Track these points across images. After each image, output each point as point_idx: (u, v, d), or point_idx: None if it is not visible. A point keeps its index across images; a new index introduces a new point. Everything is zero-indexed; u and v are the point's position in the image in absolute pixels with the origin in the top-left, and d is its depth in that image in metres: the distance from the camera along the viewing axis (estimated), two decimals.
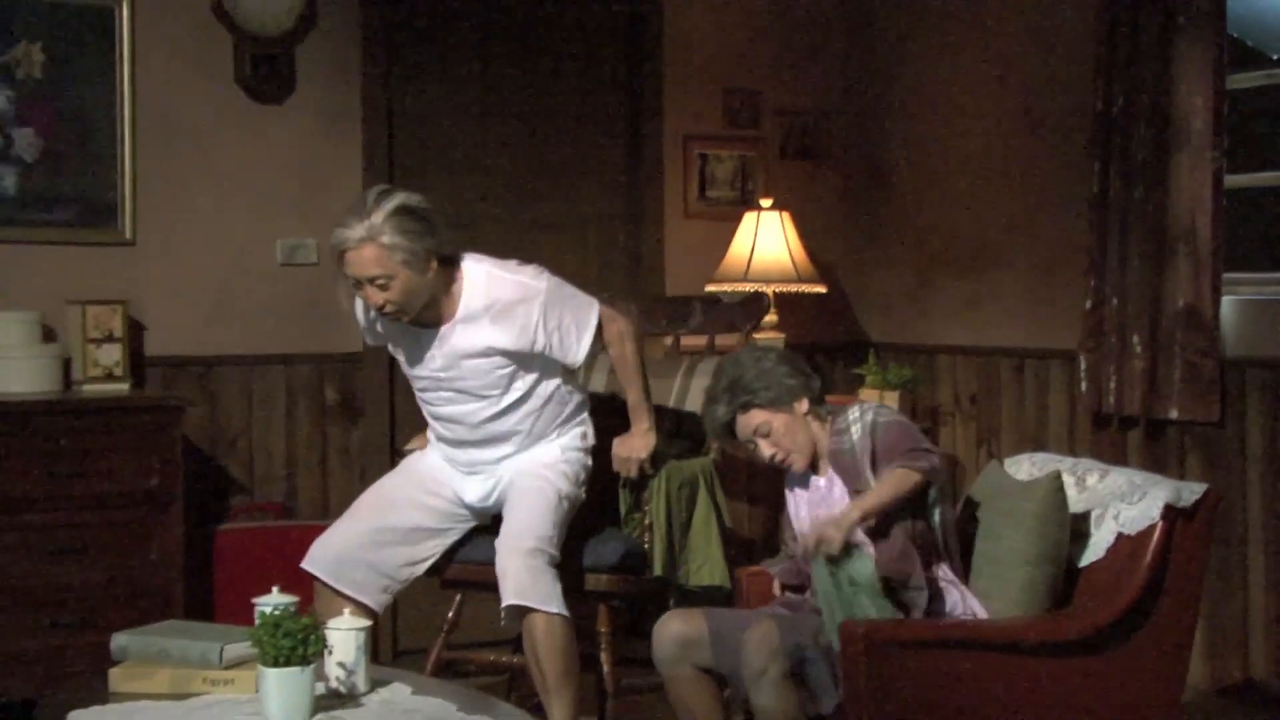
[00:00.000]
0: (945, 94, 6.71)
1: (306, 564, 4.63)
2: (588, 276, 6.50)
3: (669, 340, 5.74)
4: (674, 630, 4.16)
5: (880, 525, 4.03)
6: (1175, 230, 5.58)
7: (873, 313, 7.06)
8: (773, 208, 6.49)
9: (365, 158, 6.07)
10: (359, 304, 4.69)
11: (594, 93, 6.67)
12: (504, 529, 4.57)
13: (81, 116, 5.77)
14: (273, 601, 3.69)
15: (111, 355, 5.57)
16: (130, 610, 5.15)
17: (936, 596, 4.05)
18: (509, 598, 4.45)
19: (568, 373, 4.74)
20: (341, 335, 5.77)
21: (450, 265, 4.53)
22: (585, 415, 4.83)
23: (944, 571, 4.11)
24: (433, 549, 4.76)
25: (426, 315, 4.55)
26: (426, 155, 6.26)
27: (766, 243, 6.41)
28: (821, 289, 6.53)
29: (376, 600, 4.64)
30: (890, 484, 4.01)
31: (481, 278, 4.56)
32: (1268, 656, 5.53)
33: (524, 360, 4.59)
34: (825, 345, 6.94)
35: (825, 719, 3.96)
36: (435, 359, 4.60)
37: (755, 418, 4.21)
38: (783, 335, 6.38)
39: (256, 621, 3.52)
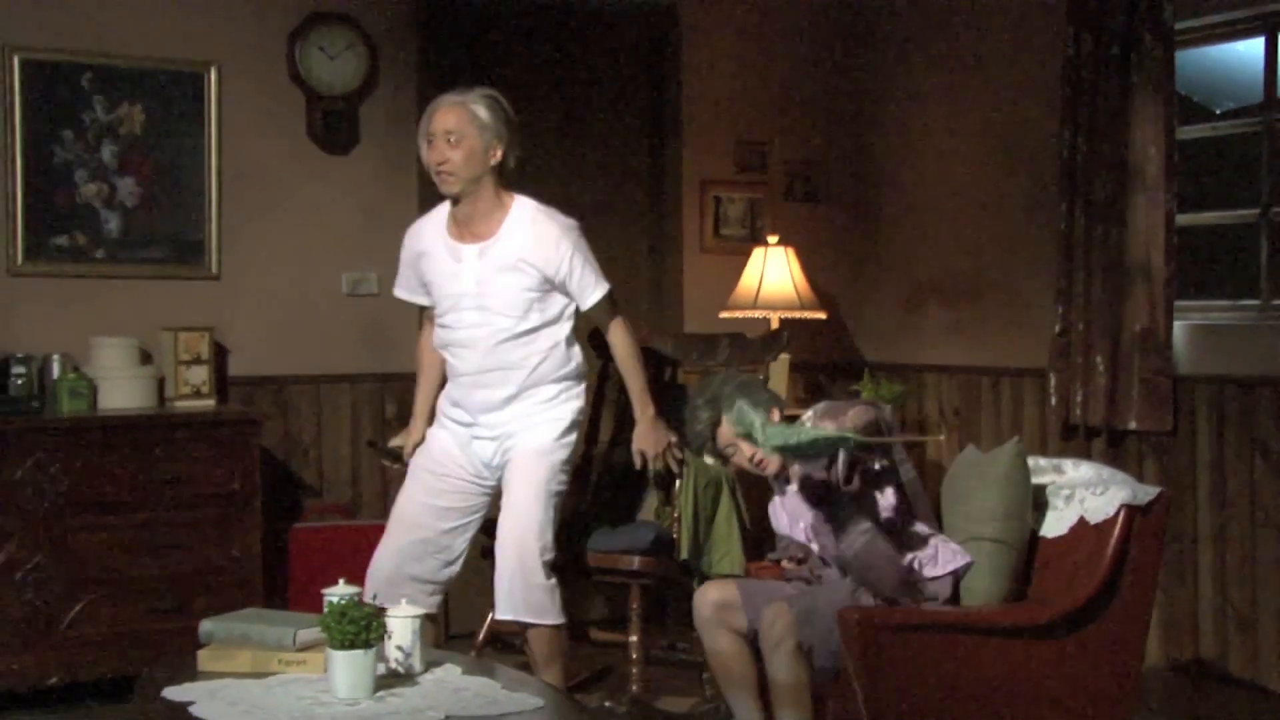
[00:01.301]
0: (930, 143, 6.71)
1: (367, 597, 4.59)
2: (615, 302, 6.52)
3: (701, 371, 5.74)
4: (712, 597, 4.17)
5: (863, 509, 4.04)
6: (1133, 263, 5.57)
7: (867, 336, 7.05)
8: (778, 244, 6.49)
9: (420, 201, 6.07)
10: (406, 249, 4.69)
11: (622, 144, 6.68)
12: (502, 530, 4.50)
13: (175, 167, 5.80)
14: (340, 592, 3.67)
15: (199, 375, 5.59)
16: (216, 598, 5.16)
17: (919, 545, 4.07)
18: (503, 612, 4.44)
19: (575, 342, 4.66)
20: (399, 356, 5.78)
21: (507, 186, 4.56)
22: (582, 389, 4.69)
23: (920, 527, 4.10)
24: (462, 545, 4.67)
25: (473, 229, 4.53)
26: None
27: (773, 274, 6.40)
28: (822, 315, 6.52)
29: (429, 604, 4.54)
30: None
31: (529, 209, 4.56)
32: (1214, 638, 5.51)
33: (545, 289, 4.54)
34: (825, 364, 6.93)
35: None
36: (472, 272, 4.52)
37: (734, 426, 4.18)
38: (787, 356, 6.36)
39: (325, 609, 3.51)
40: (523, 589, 4.43)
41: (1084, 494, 4.08)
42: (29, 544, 5.08)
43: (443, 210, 4.62)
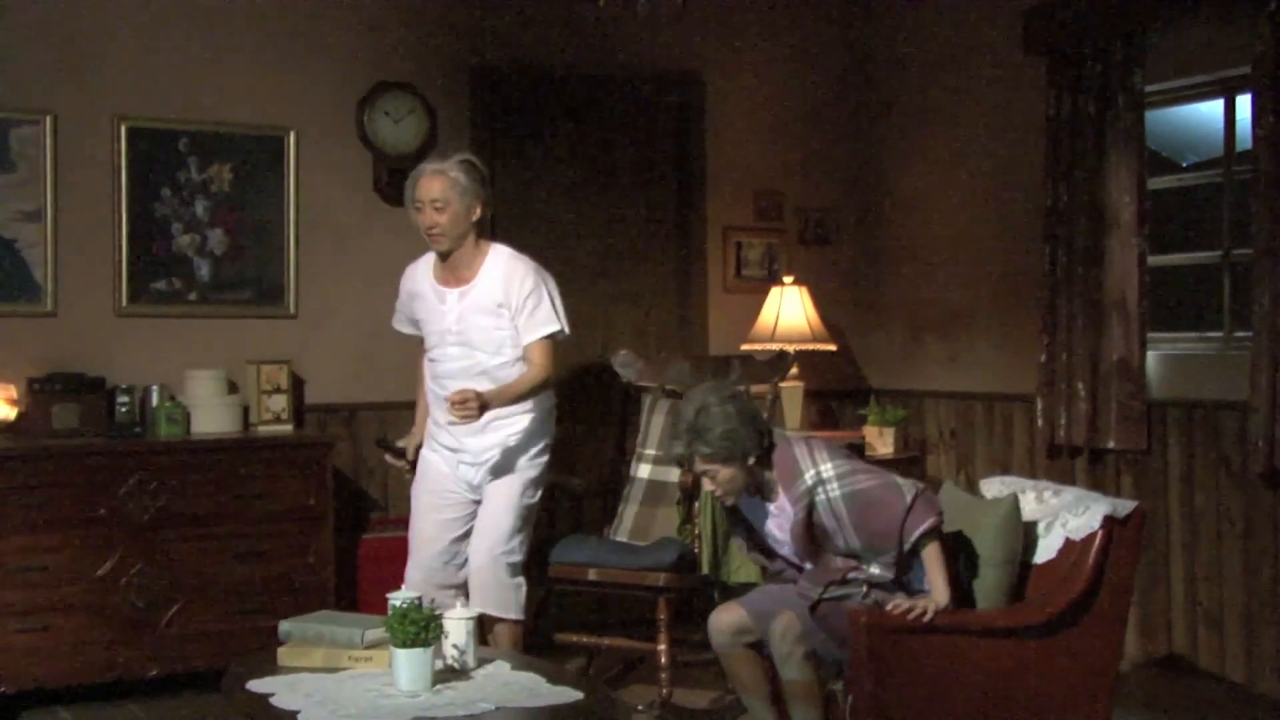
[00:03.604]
0: (929, 193, 6.69)
1: None
2: (647, 337, 6.54)
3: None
4: (725, 621, 4.10)
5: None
6: (1109, 299, 5.55)
7: (873, 365, 7.03)
8: (793, 283, 6.48)
9: None
10: (401, 288, 4.82)
11: (652, 194, 6.68)
12: (475, 536, 4.61)
13: (258, 219, 5.84)
14: (402, 596, 3.68)
15: (279, 403, 5.62)
16: (293, 602, 5.17)
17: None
18: (474, 605, 4.34)
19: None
20: None
21: (483, 235, 4.66)
22: (552, 421, 4.74)
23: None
24: (465, 548, 4.71)
25: (456, 274, 4.61)
26: (521, 244, 6.21)
27: (789, 311, 6.39)
28: (832, 347, 6.50)
29: (455, 604, 4.57)
30: (936, 563, 3.87)
31: (504, 255, 4.66)
32: (1185, 635, 5.46)
33: (514, 329, 4.59)
34: (835, 391, 6.91)
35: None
36: (453, 312, 4.61)
37: (704, 465, 3.93)
38: (801, 384, 6.36)
39: (389, 612, 3.53)
40: (493, 587, 4.51)
41: (1066, 516, 4.06)
42: (132, 553, 5.12)
43: (431, 256, 4.73)
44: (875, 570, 3.95)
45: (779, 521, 4.06)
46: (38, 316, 5.50)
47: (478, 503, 4.72)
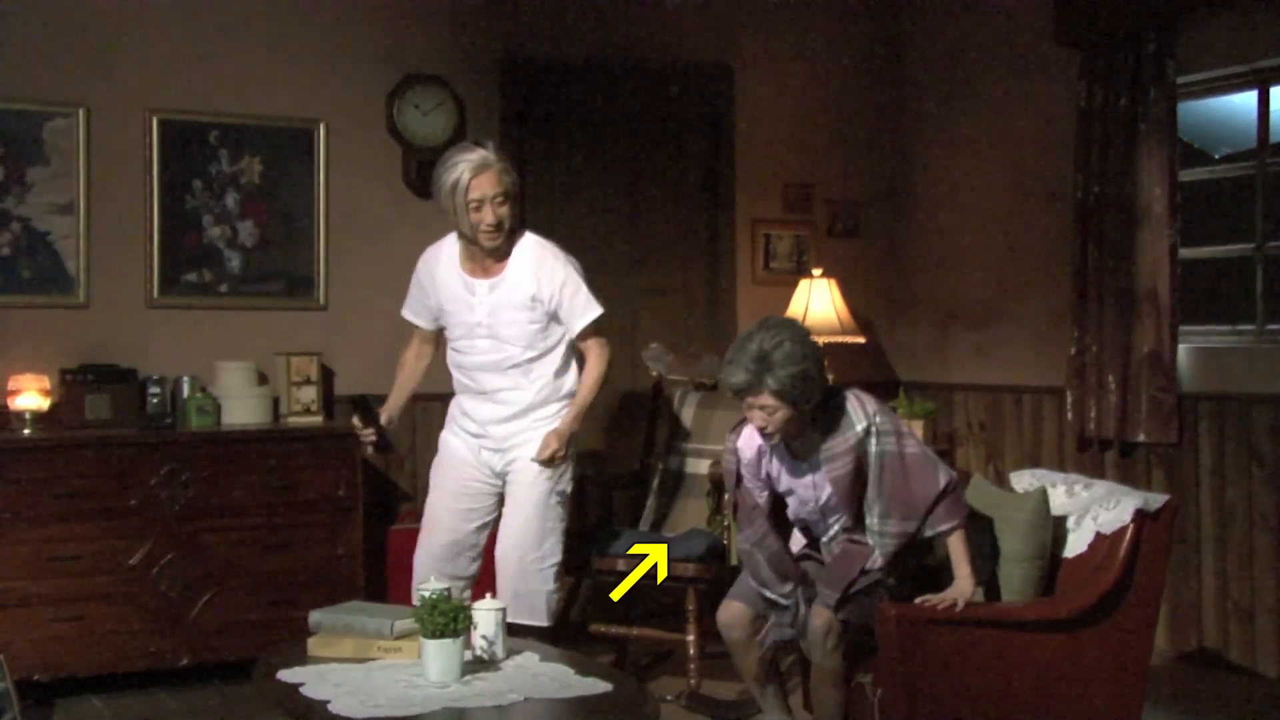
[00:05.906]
0: (958, 185, 6.66)
1: (414, 600, 4.51)
2: (677, 330, 6.52)
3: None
4: (733, 614, 4.10)
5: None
6: (1140, 292, 5.51)
7: (902, 358, 7.00)
8: (822, 276, 6.45)
9: None
10: (421, 272, 4.63)
11: (681, 188, 6.67)
12: (503, 542, 4.51)
13: (288, 212, 5.86)
14: (431, 587, 3.69)
15: (309, 394, 5.63)
16: (323, 592, 5.17)
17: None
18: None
19: (570, 364, 4.60)
20: None
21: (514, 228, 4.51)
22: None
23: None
24: (484, 541, 4.66)
25: (484, 265, 4.47)
26: (551, 238, 6.26)
27: (818, 303, 6.36)
28: (861, 339, 6.47)
29: (463, 598, 4.48)
30: (961, 553, 3.90)
31: (532, 245, 4.50)
32: (1217, 629, 5.43)
33: (547, 320, 4.49)
34: (864, 383, 6.76)
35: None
36: (484, 305, 4.48)
37: (767, 400, 3.80)
38: (830, 376, 6.31)
39: (418, 603, 3.54)
40: (524, 595, 4.42)
41: (1097, 510, 4.04)
42: (163, 543, 5.15)
43: (453, 242, 4.57)
44: (875, 538, 3.91)
45: (814, 479, 3.98)
46: (70, 308, 5.53)
47: (500, 493, 4.65)
